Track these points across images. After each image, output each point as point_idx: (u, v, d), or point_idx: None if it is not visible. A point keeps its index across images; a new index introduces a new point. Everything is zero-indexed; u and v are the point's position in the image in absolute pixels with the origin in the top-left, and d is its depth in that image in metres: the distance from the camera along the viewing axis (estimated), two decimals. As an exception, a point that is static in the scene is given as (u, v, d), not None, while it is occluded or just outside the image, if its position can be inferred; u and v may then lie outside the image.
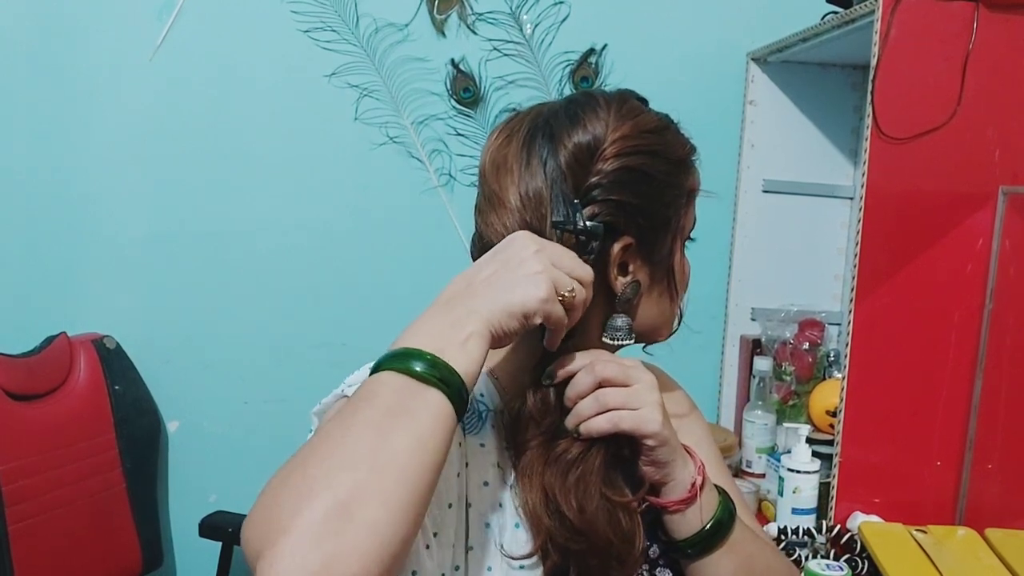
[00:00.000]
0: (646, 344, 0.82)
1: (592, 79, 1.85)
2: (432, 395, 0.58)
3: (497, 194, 0.73)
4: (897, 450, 1.33)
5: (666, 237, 0.76)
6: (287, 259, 1.85)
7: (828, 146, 1.82)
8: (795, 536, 1.33)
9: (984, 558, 1.21)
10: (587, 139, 0.71)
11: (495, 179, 0.74)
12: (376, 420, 0.56)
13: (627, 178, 0.71)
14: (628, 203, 0.72)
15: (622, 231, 0.72)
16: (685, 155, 0.78)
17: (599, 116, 0.72)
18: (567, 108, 0.74)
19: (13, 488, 1.51)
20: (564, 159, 0.71)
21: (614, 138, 0.71)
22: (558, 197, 0.70)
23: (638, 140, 0.72)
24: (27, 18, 1.74)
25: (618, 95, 0.76)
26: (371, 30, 1.81)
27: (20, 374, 1.59)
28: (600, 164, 0.71)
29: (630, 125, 0.73)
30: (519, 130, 0.75)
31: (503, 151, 0.74)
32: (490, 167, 0.75)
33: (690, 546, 0.76)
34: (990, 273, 1.30)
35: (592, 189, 0.71)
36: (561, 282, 0.65)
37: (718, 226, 1.85)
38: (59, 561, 1.59)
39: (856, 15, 1.36)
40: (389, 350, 0.61)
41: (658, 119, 0.76)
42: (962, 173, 1.30)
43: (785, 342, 1.76)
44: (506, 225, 0.72)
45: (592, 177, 0.71)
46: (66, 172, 1.78)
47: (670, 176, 0.75)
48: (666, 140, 0.76)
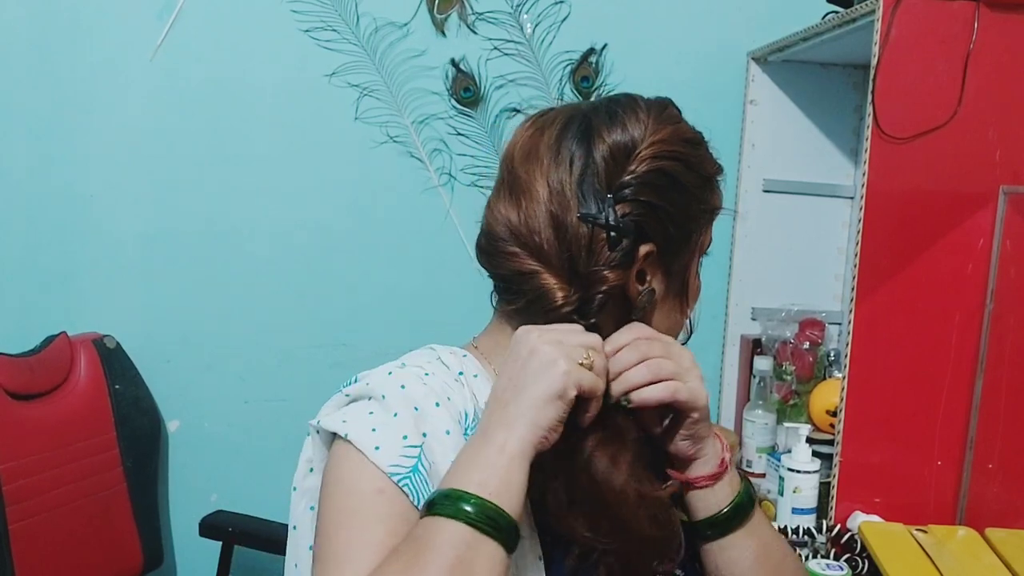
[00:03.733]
0: None
1: (592, 79, 1.85)
2: (489, 547, 0.60)
3: (524, 182, 0.72)
4: (897, 450, 1.33)
5: (686, 249, 0.77)
6: (287, 259, 1.85)
7: (829, 146, 1.82)
8: (795, 536, 1.33)
9: (984, 558, 1.21)
10: (625, 138, 0.71)
11: (523, 168, 0.73)
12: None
13: (660, 181, 0.72)
14: (658, 206, 0.72)
15: (648, 235, 0.72)
16: (714, 172, 0.78)
17: (639, 118, 0.73)
18: (608, 106, 0.74)
19: (13, 487, 1.51)
20: (600, 155, 0.71)
21: (652, 140, 0.72)
22: (589, 191, 0.70)
23: (675, 147, 0.73)
24: (27, 18, 1.74)
25: (659, 101, 0.76)
26: (371, 29, 1.81)
27: (20, 374, 1.59)
28: (635, 164, 0.71)
29: (669, 131, 0.73)
30: (554, 123, 0.74)
31: (535, 141, 0.74)
32: (519, 155, 0.74)
33: (710, 526, 0.75)
34: (991, 273, 1.30)
35: (625, 187, 0.70)
36: (574, 353, 0.66)
37: (718, 226, 1.83)
38: (59, 560, 1.59)
39: (857, 15, 1.36)
40: (442, 487, 0.63)
41: (695, 132, 0.77)
42: (963, 173, 1.30)
43: (785, 342, 1.76)
44: (532, 215, 0.71)
45: (626, 175, 0.71)
46: (66, 172, 1.78)
47: (699, 190, 0.76)
48: (700, 154, 0.76)
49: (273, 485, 1.91)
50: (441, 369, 0.74)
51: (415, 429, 0.68)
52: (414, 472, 0.67)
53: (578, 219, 0.70)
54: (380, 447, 0.67)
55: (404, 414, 0.69)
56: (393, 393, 0.70)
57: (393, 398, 0.70)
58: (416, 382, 0.71)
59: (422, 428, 0.69)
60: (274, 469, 1.89)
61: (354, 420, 0.69)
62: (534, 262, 0.71)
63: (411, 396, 0.70)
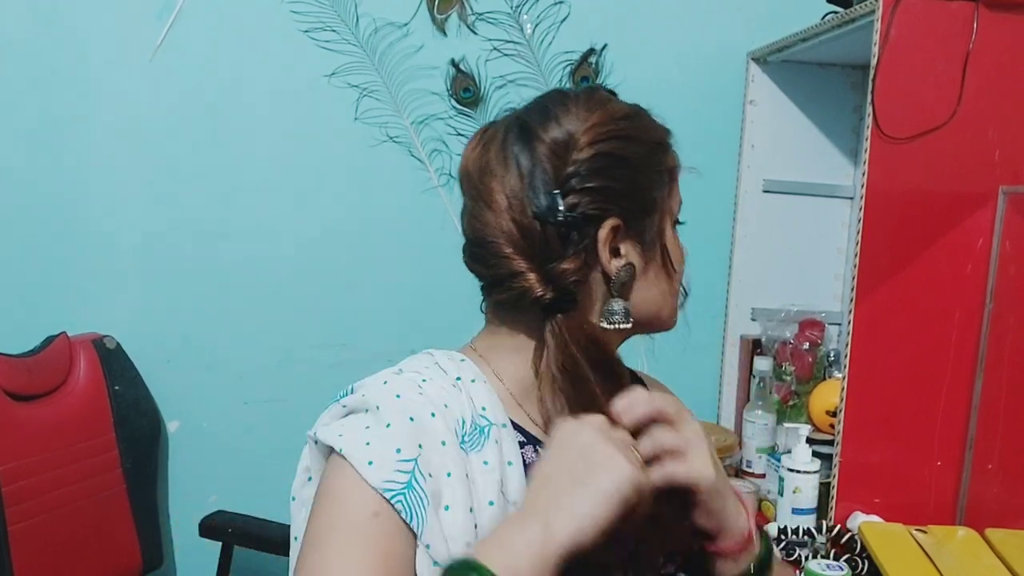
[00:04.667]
0: (652, 332, 0.81)
1: (592, 79, 1.85)
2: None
3: (484, 196, 0.75)
4: (897, 450, 1.33)
5: (653, 217, 0.77)
6: (287, 259, 1.85)
7: (828, 146, 1.82)
8: (795, 536, 1.33)
9: (984, 558, 1.21)
10: (561, 133, 0.73)
11: (481, 182, 0.75)
12: None
13: (604, 164, 0.73)
14: (608, 188, 0.73)
15: (608, 213, 0.73)
16: (660, 137, 0.79)
17: (570, 110, 0.74)
18: (540, 106, 0.76)
19: (13, 488, 1.51)
20: (542, 154, 0.73)
21: (586, 127, 0.73)
22: (540, 190, 0.72)
23: (610, 126, 0.74)
24: (27, 18, 1.74)
25: (586, 88, 0.78)
26: (371, 30, 1.81)
27: (20, 374, 1.59)
28: (576, 154, 0.72)
29: (600, 114, 0.74)
30: (496, 136, 0.77)
31: (484, 156, 0.76)
32: (475, 171, 0.77)
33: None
34: (990, 273, 1.30)
35: (570, 179, 0.72)
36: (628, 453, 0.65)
37: (718, 226, 1.86)
38: (59, 561, 1.59)
39: (856, 15, 1.36)
40: (469, 556, 0.61)
41: (628, 106, 0.78)
42: (962, 173, 1.30)
43: (785, 342, 1.76)
44: (500, 225, 0.73)
45: (570, 167, 0.72)
46: (66, 172, 1.78)
47: (648, 157, 0.77)
48: (638, 124, 0.77)
49: (273, 486, 1.91)
50: (438, 375, 0.74)
51: (410, 441, 0.68)
52: (408, 488, 0.66)
53: (532, 219, 0.72)
54: (373, 462, 0.66)
55: (398, 425, 0.68)
56: (388, 403, 0.70)
57: (387, 408, 0.69)
58: (412, 391, 0.71)
59: (417, 439, 0.68)
60: (274, 470, 1.89)
61: (349, 434, 0.69)
62: (521, 260, 0.72)
63: (406, 406, 0.70)
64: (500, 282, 0.74)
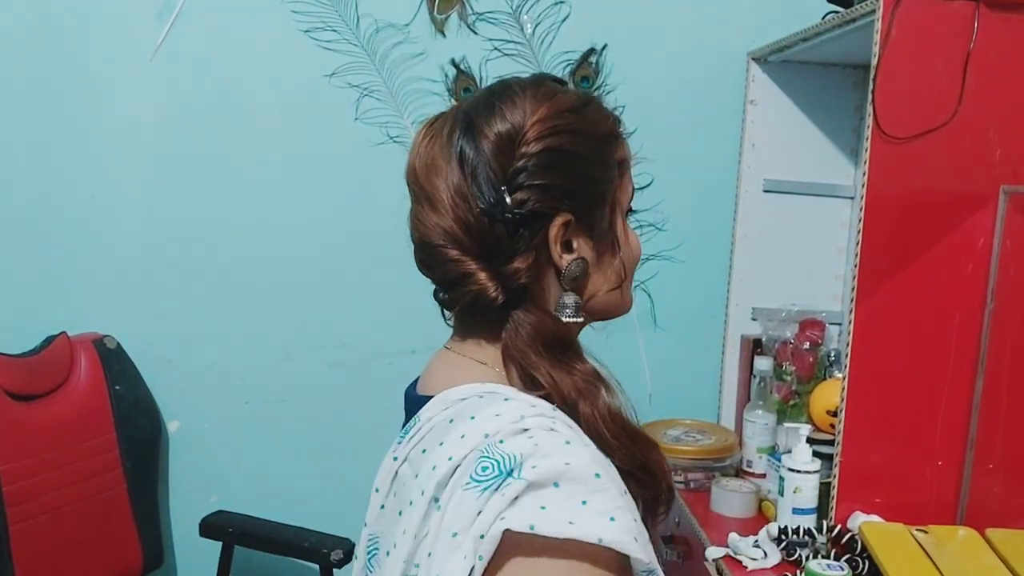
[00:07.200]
0: (609, 319, 0.81)
1: (592, 79, 1.85)
2: None
3: (429, 194, 0.73)
4: (898, 450, 1.33)
5: (603, 211, 0.76)
6: (287, 259, 1.85)
7: (829, 146, 1.82)
8: (796, 536, 1.33)
9: (985, 558, 1.21)
10: (507, 127, 0.72)
11: (426, 179, 0.74)
12: None
13: (551, 160, 0.72)
14: (556, 184, 0.72)
15: (558, 209, 0.72)
16: (609, 128, 0.78)
17: (516, 103, 0.73)
18: (486, 99, 0.75)
19: (13, 488, 1.51)
20: (488, 150, 0.71)
21: (532, 121, 0.72)
22: (486, 187, 0.71)
23: (556, 120, 0.72)
24: (27, 18, 1.74)
25: (533, 79, 0.76)
26: (371, 30, 1.81)
27: (20, 374, 1.59)
28: (523, 149, 0.71)
29: (546, 107, 0.73)
30: (443, 129, 0.75)
31: (430, 151, 0.75)
32: (420, 168, 0.75)
33: None
34: (991, 273, 1.30)
35: (517, 174, 0.71)
36: None
37: (718, 226, 1.86)
38: (60, 561, 1.59)
39: (857, 15, 1.36)
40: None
41: (576, 96, 0.76)
42: (963, 173, 1.30)
43: (786, 342, 1.75)
44: (444, 226, 0.72)
45: (517, 163, 0.71)
46: (66, 172, 1.78)
47: (596, 151, 0.75)
48: (586, 117, 0.76)
49: (273, 485, 1.92)
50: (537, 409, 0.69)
51: (618, 489, 0.65)
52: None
53: (479, 216, 0.71)
54: (638, 538, 0.62)
55: (606, 480, 0.64)
56: (584, 463, 0.64)
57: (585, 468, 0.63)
58: (580, 443, 0.67)
59: (618, 484, 0.66)
60: (274, 470, 1.89)
61: (587, 519, 0.61)
62: (471, 261, 0.71)
63: (591, 458, 0.66)
64: (452, 286, 0.73)
